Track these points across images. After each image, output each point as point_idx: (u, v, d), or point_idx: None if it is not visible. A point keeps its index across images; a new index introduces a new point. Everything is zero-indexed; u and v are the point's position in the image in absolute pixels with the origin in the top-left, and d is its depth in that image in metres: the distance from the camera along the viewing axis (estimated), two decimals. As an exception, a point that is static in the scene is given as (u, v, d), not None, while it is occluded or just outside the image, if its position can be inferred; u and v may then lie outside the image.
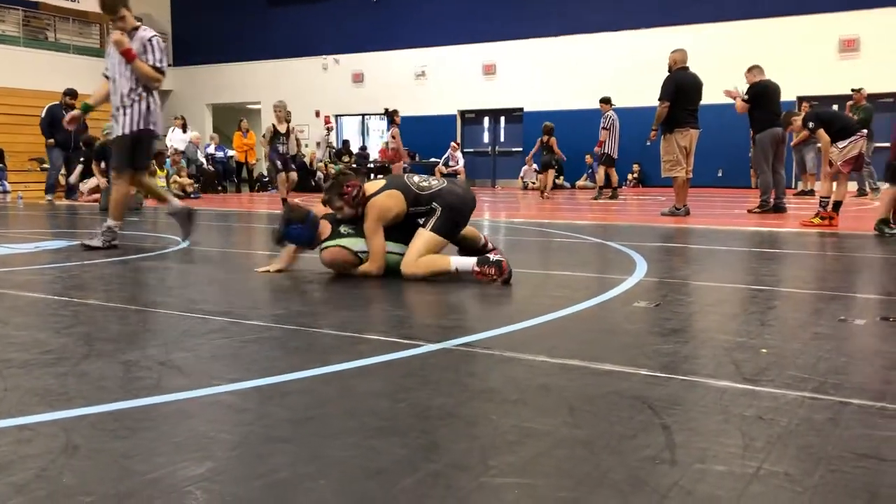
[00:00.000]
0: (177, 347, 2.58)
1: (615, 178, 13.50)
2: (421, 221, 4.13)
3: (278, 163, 11.23)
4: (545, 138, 13.60)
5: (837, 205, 7.45)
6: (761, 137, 9.12)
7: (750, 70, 9.32)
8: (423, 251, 4.06)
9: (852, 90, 12.73)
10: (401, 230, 4.19)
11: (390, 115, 13.64)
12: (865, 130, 7.74)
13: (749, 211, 9.35)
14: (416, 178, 4.27)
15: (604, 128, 13.20)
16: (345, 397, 2.05)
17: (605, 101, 13.45)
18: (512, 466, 1.57)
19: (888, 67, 16.00)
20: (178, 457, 1.62)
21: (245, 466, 1.59)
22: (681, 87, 8.62)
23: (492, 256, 3.95)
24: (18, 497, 1.42)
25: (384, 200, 4.08)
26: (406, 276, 4.04)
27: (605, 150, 13.24)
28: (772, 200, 9.11)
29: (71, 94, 12.87)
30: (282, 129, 11.14)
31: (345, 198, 4.11)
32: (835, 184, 7.59)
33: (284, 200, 10.20)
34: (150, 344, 2.64)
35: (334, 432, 1.76)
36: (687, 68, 8.83)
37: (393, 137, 13.58)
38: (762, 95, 9.06)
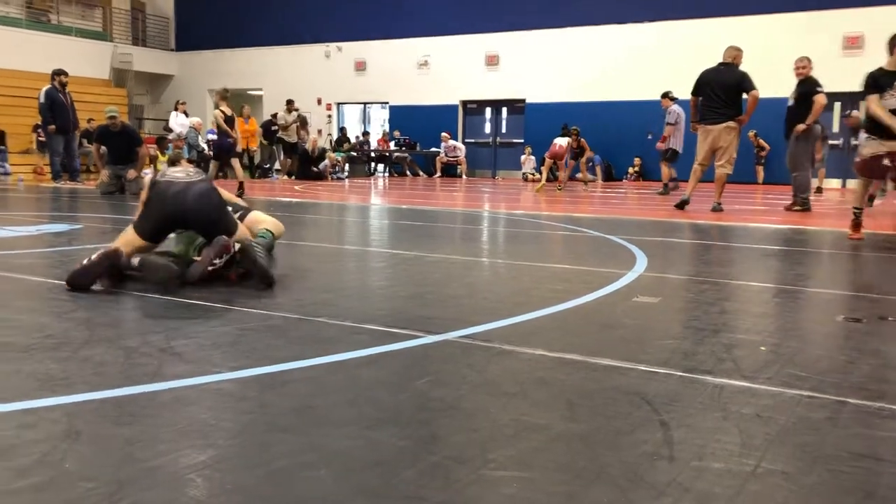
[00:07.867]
0: (177, 334, 2.59)
1: (670, 172, 12.96)
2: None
3: None
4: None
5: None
6: (808, 134, 8.89)
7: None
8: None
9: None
10: None
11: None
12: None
13: (787, 209, 9.25)
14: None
15: (669, 123, 12.71)
16: (345, 387, 2.06)
17: (667, 95, 12.94)
18: (510, 459, 1.58)
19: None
20: (179, 444, 1.63)
21: (246, 454, 1.60)
22: (698, 83, 8.59)
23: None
24: (20, 481, 1.43)
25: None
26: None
27: (670, 146, 12.83)
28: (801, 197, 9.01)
29: (62, 73, 12.80)
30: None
31: None
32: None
33: None
34: (151, 330, 2.65)
35: (335, 422, 1.78)
36: (724, 64, 8.60)
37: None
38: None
